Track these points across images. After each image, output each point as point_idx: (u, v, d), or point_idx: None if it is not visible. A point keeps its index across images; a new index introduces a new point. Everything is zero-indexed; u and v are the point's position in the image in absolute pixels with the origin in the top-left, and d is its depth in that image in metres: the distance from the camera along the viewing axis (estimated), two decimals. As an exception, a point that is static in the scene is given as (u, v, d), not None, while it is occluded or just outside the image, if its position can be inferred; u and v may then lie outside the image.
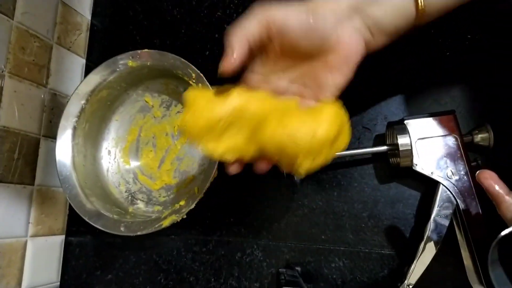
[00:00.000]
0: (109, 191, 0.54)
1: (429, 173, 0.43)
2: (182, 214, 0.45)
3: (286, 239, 0.50)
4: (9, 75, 0.45)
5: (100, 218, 0.47)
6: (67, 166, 0.49)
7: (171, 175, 0.54)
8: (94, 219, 0.47)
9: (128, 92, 0.55)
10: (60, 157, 0.49)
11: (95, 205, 0.48)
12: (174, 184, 0.53)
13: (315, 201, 0.50)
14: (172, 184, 0.53)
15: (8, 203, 0.45)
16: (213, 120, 0.29)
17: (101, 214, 0.48)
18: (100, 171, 0.54)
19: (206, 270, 0.51)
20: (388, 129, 0.48)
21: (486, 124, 0.44)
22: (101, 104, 0.53)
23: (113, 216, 0.48)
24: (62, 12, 0.53)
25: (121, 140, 0.55)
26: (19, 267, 0.47)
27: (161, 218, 0.46)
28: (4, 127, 0.44)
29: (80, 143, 0.51)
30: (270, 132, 0.30)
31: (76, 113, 0.50)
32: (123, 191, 0.54)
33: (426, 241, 0.42)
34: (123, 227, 0.46)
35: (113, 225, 0.47)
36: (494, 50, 0.48)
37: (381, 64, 0.51)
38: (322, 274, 0.48)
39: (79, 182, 0.49)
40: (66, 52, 0.54)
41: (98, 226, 0.47)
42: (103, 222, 0.47)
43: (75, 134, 0.50)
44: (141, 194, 0.54)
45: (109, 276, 0.53)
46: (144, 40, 0.57)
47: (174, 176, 0.53)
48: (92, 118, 0.52)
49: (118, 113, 0.55)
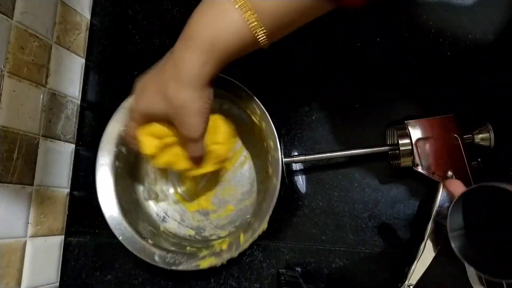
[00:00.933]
0: (142, 204, 0.52)
1: (430, 174, 0.42)
2: (222, 260, 0.43)
3: (286, 240, 0.50)
4: (9, 75, 0.45)
5: (134, 242, 0.47)
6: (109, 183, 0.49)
7: (210, 200, 0.52)
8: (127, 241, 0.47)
9: None
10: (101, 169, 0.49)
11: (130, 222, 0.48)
12: (210, 210, 0.52)
13: (316, 201, 0.50)
14: (208, 209, 0.52)
15: (7, 203, 0.45)
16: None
17: (136, 238, 0.47)
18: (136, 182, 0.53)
19: (205, 271, 0.51)
20: (388, 129, 0.48)
21: (486, 124, 0.44)
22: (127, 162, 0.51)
23: (148, 240, 0.47)
24: (62, 12, 0.53)
25: None
26: (18, 268, 0.47)
27: (199, 257, 0.44)
28: (3, 127, 0.44)
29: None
30: None
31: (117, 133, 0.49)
32: (156, 205, 0.53)
33: (427, 241, 0.42)
34: (157, 257, 0.45)
35: (147, 253, 0.46)
36: (494, 50, 0.48)
37: (381, 64, 0.50)
38: (323, 275, 0.48)
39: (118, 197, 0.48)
40: (66, 52, 0.54)
41: (130, 249, 0.47)
42: (136, 247, 0.47)
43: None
44: (175, 212, 0.53)
45: (109, 276, 0.53)
46: (144, 40, 0.57)
47: (213, 202, 0.52)
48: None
49: None
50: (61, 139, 0.53)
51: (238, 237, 0.44)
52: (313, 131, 0.51)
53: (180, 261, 0.45)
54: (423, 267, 0.42)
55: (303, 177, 0.51)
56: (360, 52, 0.51)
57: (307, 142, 0.51)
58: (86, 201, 0.55)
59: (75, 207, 0.55)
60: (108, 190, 0.49)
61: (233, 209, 0.51)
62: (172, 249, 0.47)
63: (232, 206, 0.51)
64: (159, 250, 0.46)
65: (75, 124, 0.56)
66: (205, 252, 0.45)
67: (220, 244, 0.45)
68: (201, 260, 0.44)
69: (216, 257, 0.44)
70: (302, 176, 0.51)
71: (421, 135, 0.43)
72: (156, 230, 0.51)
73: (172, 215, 0.53)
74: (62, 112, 0.54)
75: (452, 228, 0.32)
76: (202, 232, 0.52)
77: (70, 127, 0.55)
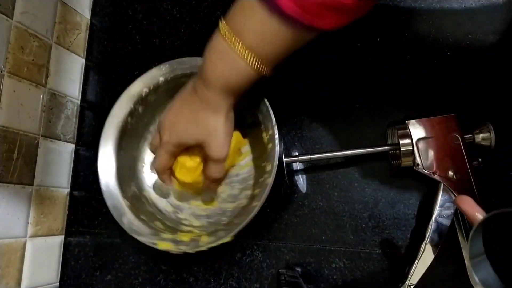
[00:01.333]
0: (137, 164, 0.54)
1: (430, 173, 0.42)
2: (178, 251, 0.44)
3: (286, 240, 0.50)
4: (8, 75, 0.45)
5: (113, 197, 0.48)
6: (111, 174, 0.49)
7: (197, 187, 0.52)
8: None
9: None
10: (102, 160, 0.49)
11: None
12: (194, 196, 0.52)
13: (316, 201, 0.50)
14: (193, 194, 0.52)
15: (7, 203, 0.45)
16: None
17: (116, 194, 0.48)
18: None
19: (205, 271, 0.51)
20: (389, 129, 0.48)
21: (487, 124, 0.43)
22: (140, 121, 0.52)
23: (125, 200, 0.48)
24: (62, 12, 0.53)
25: None
26: (18, 268, 0.47)
27: (160, 237, 0.45)
28: (3, 127, 0.44)
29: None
30: None
31: (116, 136, 0.50)
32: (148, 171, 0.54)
33: (427, 241, 0.42)
34: (126, 220, 0.47)
35: (119, 212, 0.47)
36: (495, 50, 0.48)
37: (381, 64, 0.50)
38: (323, 275, 0.48)
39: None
40: (66, 52, 0.54)
41: (107, 203, 0.48)
42: (113, 202, 0.48)
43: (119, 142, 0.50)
44: (162, 184, 0.52)
45: (109, 276, 0.53)
46: (144, 40, 0.57)
47: (199, 190, 0.51)
48: (130, 139, 0.52)
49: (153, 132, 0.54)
50: (61, 139, 0.53)
51: (200, 237, 0.44)
52: (313, 131, 0.51)
53: (143, 232, 0.46)
54: (423, 267, 0.42)
55: (303, 177, 0.51)
56: (360, 52, 0.51)
57: (307, 142, 0.51)
58: (86, 201, 0.55)
59: (75, 207, 0.55)
60: (111, 141, 0.50)
61: (215, 206, 0.51)
62: (142, 218, 0.47)
63: (215, 202, 0.51)
64: (131, 215, 0.47)
65: (75, 124, 0.56)
66: (168, 235, 0.46)
67: (183, 235, 0.46)
68: (160, 241, 0.45)
69: (174, 245, 0.44)
70: (302, 176, 0.51)
71: (422, 135, 0.43)
72: (138, 191, 0.51)
73: (159, 185, 0.53)
74: (62, 112, 0.54)
75: (472, 255, 0.30)
76: (178, 213, 0.52)
77: (70, 127, 0.55)
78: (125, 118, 0.50)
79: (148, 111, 0.52)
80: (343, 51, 0.51)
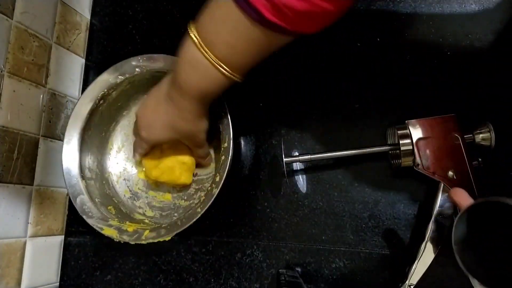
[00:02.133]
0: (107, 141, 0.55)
1: (430, 173, 0.42)
2: (120, 239, 0.46)
3: (286, 240, 0.50)
4: (8, 75, 0.45)
5: (71, 177, 0.49)
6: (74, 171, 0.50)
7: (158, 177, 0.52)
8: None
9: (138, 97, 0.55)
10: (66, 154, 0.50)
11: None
12: (152, 187, 0.53)
13: (316, 201, 0.50)
14: (151, 185, 0.53)
15: (7, 203, 0.45)
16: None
17: (75, 173, 0.49)
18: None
19: (205, 271, 0.51)
20: (389, 129, 0.48)
21: (487, 124, 0.43)
22: (111, 107, 0.53)
23: (84, 181, 0.49)
24: (62, 12, 0.53)
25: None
26: (18, 268, 0.47)
27: (107, 223, 0.47)
28: (3, 127, 0.44)
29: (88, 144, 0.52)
30: None
31: (85, 115, 0.50)
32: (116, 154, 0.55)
33: (427, 241, 0.42)
34: (79, 200, 0.48)
35: (75, 192, 0.48)
36: (495, 50, 0.48)
37: (381, 64, 0.50)
38: (323, 275, 0.48)
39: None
40: (66, 52, 0.54)
41: (65, 181, 0.49)
42: (71, 183, 0.49)
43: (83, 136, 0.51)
44: (125, 170, 0.55)
45: (108, 276, 0.53)
46: (144, 39, 0.57)
47: (159, 181, 0.52)
48: (101, 121, 0.53)
49: (127, 117, 0.56)
50: (61, 139, 0.53)
51: (144, 231, 0.46)
52: (313, 131, 0.51)
53: (93, 215, 0.47)
54: (423, 267, 0.42)
55: (303, 177, 0.51)
56: (360, 52, 0.51)
57: (307, 142, 0.51)
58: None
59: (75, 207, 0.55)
60: (80, 119, 0.50)
61: (169, 200, 0.53)
62: (97, 200, 0.49)
63: (169, 197, 0.53)
64: (85, 196, 0.48)
65: (75, 124, 0.56)
66: (115, 223, 0.47)
67: (129, 226, 0.47)
68: (107, 227, 0.46)
69: (118, 233, 0.46)
70: (302, 176, 0.51)
71: (422, 135, 0.43)
72: (100, 173, 0.53)
73: (122, 170, 0.54)
74: (62, 112, 0.54)
75: (457, 240, 0.32)
76: (135, 201, 0.53)
77: (70, 127, 0.55)
78: (98, 100, 0.50)
79: (123, 97, 0.53)
80: (343, 51, 0.52)
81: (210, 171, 0.53)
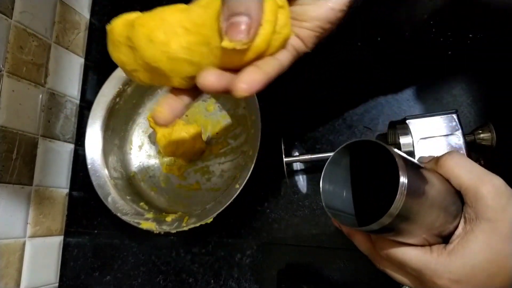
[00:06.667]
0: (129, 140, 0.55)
1: (431, 173, 0.42)
2: (161, 230, 0.46)
3: (286, 240, 0.49)
4: (7, 75, 0.45)
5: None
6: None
7: (183, 171, 0.53)
8: None
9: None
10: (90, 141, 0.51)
11: None
12: (180, 179, 0.53)
13: (316, 201, 0.49)
14: (178, 178, 0.53)
15: (6, 203, 0.45)
16: None
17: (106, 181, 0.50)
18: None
19: (205, 272, 0.51)
20: (390, 129, 0.48)
21: (488, 123, 0.43)
22: (127, 105, 0.53)
23: (112, 181, 0.50)
24: (61, 11, 0.53)
25: None
26: (17, 268, 0.47)
27: (144, 217, 0.47)
28: (2, 127, 0.44)
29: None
30: None
31: (103, 115, 0.51)
32: (137, 156, 0.56)
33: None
34: (110, 199, 0.48)
35: (104, 191, 0.49)
36: (496, 49, 0.47)
37: (382, 63, 0.50)
38: (323, 276, 0.48)
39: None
40: (65, 52, 0.54)
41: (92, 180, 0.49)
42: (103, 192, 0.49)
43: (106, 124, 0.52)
44: (149, 167, 0.55)
45: (108, 277, 0.53)
46: (144, 39, 0.57)
47: (185, 174, 0.53)
48: (118, 120, 0.53)
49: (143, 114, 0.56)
50: (60, 139, 0.53)
51: (183, 218, 0.46)
52: (313, 131, 0.51)
53: (127, 212, 0.47)
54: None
55: (304, 177, 0.50)
56: (360, 52, 0.51)
57: (307, 142, 0.51)
58: (85, 201, 0.55)
59: (74, 208, 0.55)
60: (98, 121, 0.51)
61: (199, 189, 0.52)
62: (128, 198, 0.49)
63: (199, 185, 0.53)
64: (116, 194, 0.49)
65: (74, 124, 0.56)
66: (151, 215, 0.47)
67: (167, 216, 0.47)
68: (144, 221, 0.46)
69: (157, 224, 0.46)
70: (302, 176, 0.51)
71: (423, 135, 0.43)
72: (125, 173, 0.53)
73: (145, 167, 0.54)
74: (61, 112, 0.53)
75: (324, 181, 0.31)
76: (163, 197, 0.53)
77: (69, 127, 0.55)
78: (114, 98, 0.51)
79: (137, 93, 0.53)
80: (343, 51, 0.51)
81: (233, 156, 0.52)
